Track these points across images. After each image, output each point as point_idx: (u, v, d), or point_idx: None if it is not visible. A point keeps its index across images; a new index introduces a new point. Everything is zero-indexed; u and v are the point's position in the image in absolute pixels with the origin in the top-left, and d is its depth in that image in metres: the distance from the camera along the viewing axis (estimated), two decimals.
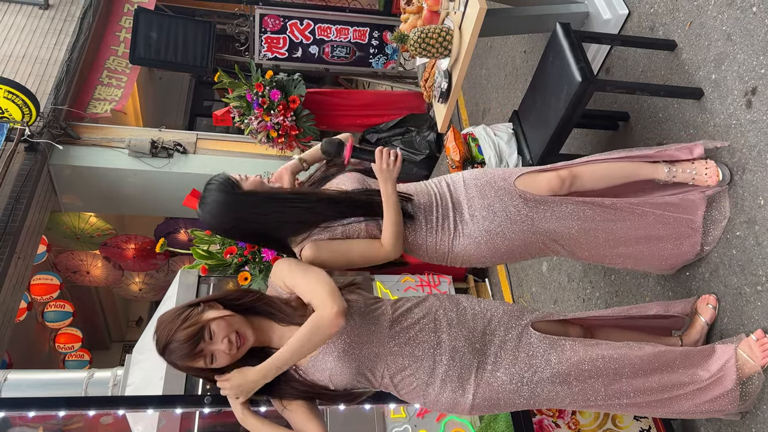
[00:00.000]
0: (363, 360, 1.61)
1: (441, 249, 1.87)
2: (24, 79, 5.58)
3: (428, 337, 1.66)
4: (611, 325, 2.03)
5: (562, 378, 1.69)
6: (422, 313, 1.70)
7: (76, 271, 7.82)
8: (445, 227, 1.85)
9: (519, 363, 1.68)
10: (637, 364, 1.75)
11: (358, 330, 1.61)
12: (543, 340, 1.72)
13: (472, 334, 1.68)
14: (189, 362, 1.52)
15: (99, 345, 9.95)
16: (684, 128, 2.38)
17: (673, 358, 1.79)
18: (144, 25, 5.70)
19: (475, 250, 1.87)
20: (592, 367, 1.71)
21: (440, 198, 1.88)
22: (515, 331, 1.72)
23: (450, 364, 1.64)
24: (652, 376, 1.75)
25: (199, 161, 5.82)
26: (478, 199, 1.87)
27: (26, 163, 5.12)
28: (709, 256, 2.19)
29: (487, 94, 4.62)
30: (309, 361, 1.60)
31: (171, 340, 1.50)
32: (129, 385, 3.39)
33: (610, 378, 1.72)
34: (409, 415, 3.25)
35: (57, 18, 6.40)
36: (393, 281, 4.05)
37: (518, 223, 1.87)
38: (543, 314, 1.83)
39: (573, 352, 1.72)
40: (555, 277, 3.40)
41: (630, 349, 1.78)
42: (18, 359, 6.69)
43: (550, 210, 1.90)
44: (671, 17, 2.53)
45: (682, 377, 1.77)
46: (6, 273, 4.64)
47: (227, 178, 1.69)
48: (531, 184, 1.91)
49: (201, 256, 3.69)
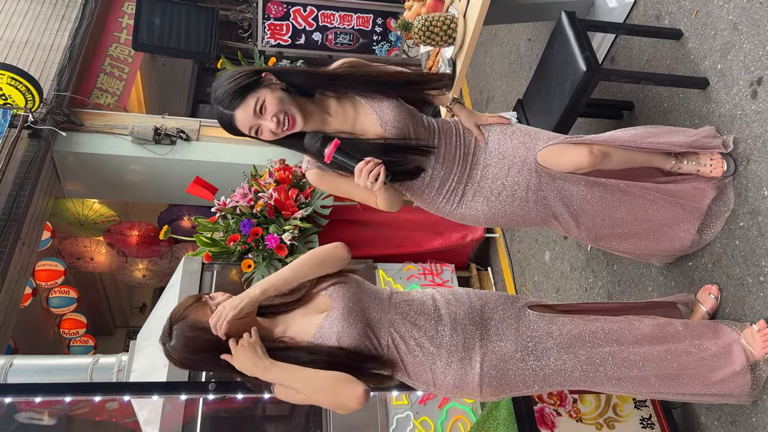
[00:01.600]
0: (367, 321, 1.62)
1: (442, 211, 1.94)
2: (27, 65, 5.56)
3: (428, 310, 1.69)
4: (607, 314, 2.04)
5: (567, 345, 1.71)
6: (419, 295, 1.75)
7: (80, 258, 7.85)
8: (451, 198, 1.89)
9: (521, 335, 1.70)
10: (639, 334, 1.77)
11: (359, 296, 1.64)
12: (541, 318, 1.75)
13: (471, 311, 1.71)
14: (197, 313, 1.54)
15: (103, 331, 10.01)
16: (689, 118, 2.38)
17: (675, 328, 1.81)
18: (147, 11, 5.68)
19: (473, 220, 1.94)
20: (593, 338, 1.74)
21: (460, 163, 1.86)
22: (513, 310, 1.75)
23: (453, 335, 1.65)
24: (659, 345, 1.76)
25: (202, 148, 5.81)
26: (493, 167, 1.86)
27: (30, 149, 5.12)
28: (712, 246, 2.19)
29: (491, 82, 4.60)
30: (316, 332, 1.59)
31: (178, 311, 1.56)
32: (134, 371, 3.42)
33: (613, 345, 1.74)
34: (411, 402, 3.27)
35: (59, 4, 6.37)
36: (395, 270, 4.06)
37: (524, 199, 1.88)
38: (538, 300, 1.87)
39: (573, 325, 1.75)
40: (557, 266, 3.40)
41: (629, 323, 1.80)
42: (23, 344, 6.74)
43: (562, 187, 1.88)
44: (677, 6, 2.51)
45: (689, 347, 1.78)
46: (11, 259, 4.66)
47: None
48: (554, 158, 1.84)
49: (204, 243, 3.71)
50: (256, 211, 3.65)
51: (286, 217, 3.67)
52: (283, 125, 1.65)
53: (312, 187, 3.85)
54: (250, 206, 3.69)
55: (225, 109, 1.63)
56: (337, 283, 1.64)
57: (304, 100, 1.72)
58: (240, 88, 1.61)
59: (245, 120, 1.63)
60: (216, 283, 3.77)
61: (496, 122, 1.89)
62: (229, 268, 3.82)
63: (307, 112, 1.70)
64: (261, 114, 1.62)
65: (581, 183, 1.89)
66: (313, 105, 1.74)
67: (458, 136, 1.87)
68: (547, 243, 3.52)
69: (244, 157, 5.53)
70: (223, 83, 1.64)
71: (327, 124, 1.76)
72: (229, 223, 3.72)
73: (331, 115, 1.77)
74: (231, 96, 1.61)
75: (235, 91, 1.61)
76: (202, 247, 3.73)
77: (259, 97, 1.62)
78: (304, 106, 1.70)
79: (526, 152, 1.86)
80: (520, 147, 1.86)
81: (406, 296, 1.73)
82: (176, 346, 1.53)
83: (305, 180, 3.92)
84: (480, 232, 4.20)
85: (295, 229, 3.58)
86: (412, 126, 1.79)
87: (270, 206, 3.66)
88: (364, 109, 1.77)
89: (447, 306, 1.71)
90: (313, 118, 1.73)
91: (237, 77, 1.63)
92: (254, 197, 3.73)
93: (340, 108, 1.77)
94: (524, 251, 3.82)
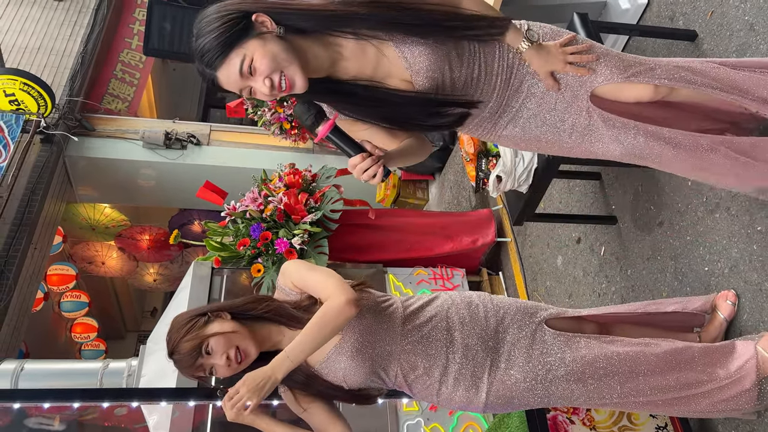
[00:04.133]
0: (376, 358, 1.59)
1: (472, 133, 1.67)
2: (39, 70, 5.61)
3: (441, 335, 1.63)
4: (628, 321, 2.00)
5: (577, 376, 1.66)
6: (434, 311, 1.67)
7: (92, 262, 7.90)
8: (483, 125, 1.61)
9: (533, 361, 1.65)
10: (654, 361, 1.72)
11: (370, 328, 1.59)
12: (557, 338, 1.69)
13: (484, 332, 1.65)
14: (190, 372, 1.54)
15: (114, 335, 10.06)
16: None
17: (691, 355, 1.75)
18: (158, 16, 5.70)
19: (511, 143, 1.68)
20: (608, 365, 1.68)
21: (500, 91, 1.55)
22: (529, 328, 1.69)
23: (463, 363, 1.62)
24: (669, 373, 1.72)
25: (212, 153, 5.84)
26: (536, 99, 1.57)
27: (42, 154, 5.17)
28: (729, 251, 2.15)
29: None
30: (322, 362, 1.58)
31: (175, 350, 1.53)
32: (143, 376, 3.42)
33: (625, 376, 1.69)
34: (421, 408, 3.25)
35: (72, 9, 6.43)
36: (405, 274, 4.03)
37: (566, 139, 1.62)
38: (557, 311, 1.79)
39: (588, 349, 1.69)
40: (570, 271, 3.36)
41: (646, 347, 1.74)
42: (35, 348, 6.78)
43: (616, 137, 1.58)
44: (692, 6, 2.47)
45: (701, 375, 1.73)
46: (23, 263, 4.69)
47: None
48: (614, 93, 1.57)
49: (214, 247, 3.70)
50: (266, 215, 3.64)
51: (296, 222, 3.65)
52: (279, 88, 1.36)
53: (322, 191, 3.83)
54: (259, 210, 3.69)
55: (205, 68, 1.36)
56: None
57: (310, 43, 1.39)
58: (221, 42, 1.31)
59: (230, 82, 1.36)
60: (226, 287, 3.76)
61: (581, 74, 1.52)
62: (238, 272, 3.81)
63: (311, 66, 1.39)
64: (250, 75, 1.34)
65: (639, 134, 1.57)
66: (322, 49, 1.41)
67: (501, 58, 1.52)
68: (560, 247, 3.48)
69: (255, 162, 5.55)
70: (203, 29, 1.34)
71: (339, 68, 1.44)
72: (239, 227, 3.71)
73: (345, 58, 1.43)
74: (211, 52, 1.33)
75: (215, 46, 1.32)
76: (211, 252, 3.73)
77: (246, 54, 1.32)
78: (309, 54, 1.39)
79: (579, 87, 1.55)
80: (573, 79, 1.54)
81: (419, 317, 1.64)
82: (179, 366, 1.56)
83: (315, 184, 3.91)
84: (491, 237, 4.16)
85: (304, 233, 3.56)
86: (449, 71, 1.46)
87: (280, 210, 3.65)
88: (390, 51, 1.44)
89: (461, 328, 1.64)
90: (321, 67, 1.42)
91: (219, 24, 1.32)
92: (264, 201, 3.72)
93: (359, 48, 1.43)
94: (536, 255, 3.78)
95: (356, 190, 4.55)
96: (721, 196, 2.22)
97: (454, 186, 5.13)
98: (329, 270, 1.60)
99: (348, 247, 4.04)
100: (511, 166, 2.61)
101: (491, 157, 2.69)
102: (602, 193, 3.06)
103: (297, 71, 1.35)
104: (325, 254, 3.59)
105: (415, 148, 1.59)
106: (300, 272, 1.61)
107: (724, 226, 2.20)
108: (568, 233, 3.40)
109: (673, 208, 2.50)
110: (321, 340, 1.49)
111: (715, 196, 2.25)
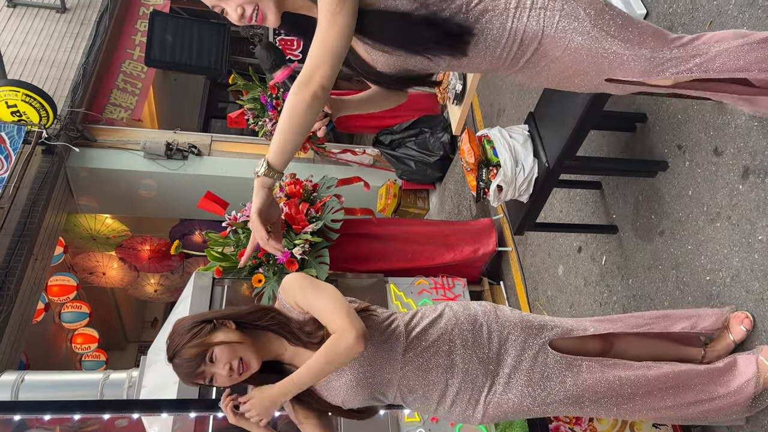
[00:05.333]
0: (376, 386, 1.60)
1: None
2: (41, 82, 5.64)
3: (442, 360, 1.62)
4: (633, 333, 1.98)
5: (576, 399, 1.67)
6: (437, 333, 1.64)
7: (93, 272, 7.89)
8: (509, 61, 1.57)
9: (533, 384, 1.65)
10: (654, 384, 1.72)
11: (371, 359, 1.58)
12: (559, 361, 1.68)
13: (486, 356, 1.65)
14: (190, 379, 1.54)
15: (115, 345, 10.04)
16: (704, 130, 2.34)
17: (692, 377, 1.75)
18: (159, 27, 5.75)
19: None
20: (607, 389, 1.69)
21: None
22: (531, 350, 1.67)
23: (462, 386, 1.62)
24: (666, 394, 1.72)
25: (213, 163, 5.85)
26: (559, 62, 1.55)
27: (43, 165, 5.18)
28: (730, 260, 2.14)
29: (501, 95, 4.59)
30: (323, 384, 1.59)
31: (176, 354, 1.52)
32: (144, 387, 3.41)
33: (624, 398, 1.70)
34: (423, 419, 3.23)
35: (74, 21, 6.47)
36: (407, 284, 4.02)
37: None
38: (563, 331, 1.75)
39: (589, 373, 1.69)
40: (571, 280, 3.36)
41: (648, 370, 1.73)
42: (35, 359, 6.77)
43: None
44: (690, 17, 2.48)
45: (699, 395, 1.74)
46: (24, 274, 4.68)
47: None
48: None
49: (215, 258, 3.70)
50: None
51: (297, 232, 3.65)
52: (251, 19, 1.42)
53: (323, 201, 3.84)
54: None
55: None
56: None
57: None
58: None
59: None
60: (227, 297, 3.76)
61: None
62: (239, 282, 3.81)
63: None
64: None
65: None
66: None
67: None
68: (561, 257, 3.48)
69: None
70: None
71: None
72: (240, 237, 3.71)
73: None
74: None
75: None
76: (212, 262, 3.73)
77: None
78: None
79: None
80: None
81: (422, 342, 1.62)
82: (179, 371, 1.55)
83: (316, 194, 3.91)
84: (492, 246, 4.16)
85: (305, 243, 3.56)
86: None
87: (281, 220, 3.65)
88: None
89: (463, 352, 1.63)
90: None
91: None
92: None
93: None
94: (537, 265, 3.77)
95: (358, 200, 4.55)
96: (722, 205, 2.22)
97: (454, 195, 5.14)
98: (335, 292, 1.55)
99: (349, 256, 4.04)
100: (512, 176, 2.61)
101: (492, 167, 2.69)
102: (603, 202, 3.07)
103: (270, 5, 1.40)
104: (326, 264, 3.59)
105: (378, 98, 1.67)
106: (305, 293, 1.56)
107: (724, 235, 2.20)
108: (569, 242, 3.40)
109: (673, 217, 2.50)
110: (328, 372, 1.51)
111: (716, 205, 2.25)
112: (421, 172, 5.37)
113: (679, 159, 2.48)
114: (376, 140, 5.49)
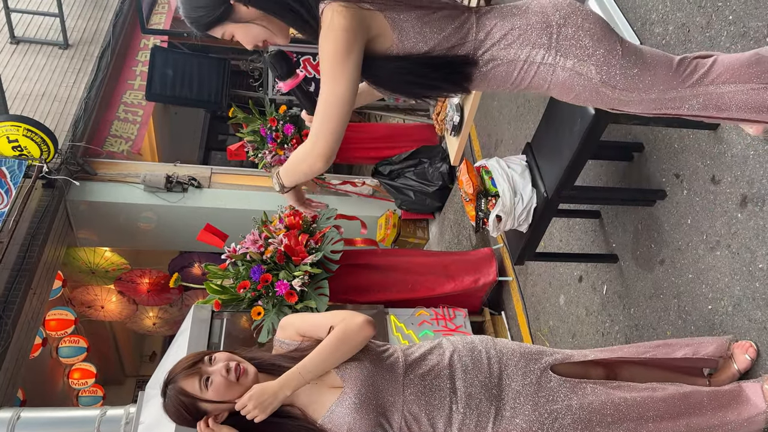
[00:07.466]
0: (380, 409, 1.56)
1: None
2: (43, 116, 5.69)
3: (443, 384, 1.60)
4: (635, 362, 1.97)
5: (585, 424, 1.63)
6: (436, 359, 1.64)
7: (91, 306, 7.85)
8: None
9: (539, 409, 1.62)
10: (662, 407, 1.68)
11: (372, 378, 1.56)
12: (563, 384, 1.66)
13: (488, 380, 1.62)
14: (185, 381, 1.51)
15: (113, 380, 9.92)
16: (701, 158, 2.36)
17: (700, 399, 1.72)
18: (160, 62, 5.82)
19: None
20: (615, 411, 1.65)
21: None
22: (534, 375, 1.65)
23: (466, 412, 1.59)
24: (680, 419, 1.69)
25: (213, 195, 5.87)
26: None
27: (44, 199, 5.19)
28: (732, 289, 2.13)
29: (499, 126, 4.63)
30: (325, 416, 1.55)
31: (174, 369, 1.54)
32: (141, 423, 3.35)
33: (634, 422, 1.66)
34: None
35: (76, 57, 6.56)
36: (407, 315, 3.99)
37: None
38: (563, 356, 1.75)
39: (595, 395, 1.66)
40: (573, 310, 3.34)
41: (653, 391, 1.71)
42: (32, 395, 6.67)
43: None
44: (683, 48, 2.52)
45: (712, 420, 1.70)
46: (21, 309, 4.65)
47: None
48: None
49: (214, 290, 3.68)
50: (266, 257, 3.63)
51: (297, 263, 3.64)
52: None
53: (322, 232, 3.83)
54: (260, 252, 3.68)
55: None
56: (350, 360, 1.56)
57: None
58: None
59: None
60: (226, 330, 3.73)
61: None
62: (238, 315, 3.79)
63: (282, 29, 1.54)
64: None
65: None
66: None
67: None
68: (562, 286, 3.47)
69: (255, 203, 5.57)
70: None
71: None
72: (240, 269, 3.70)
73: None
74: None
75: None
76: (212, 295, 3.71)
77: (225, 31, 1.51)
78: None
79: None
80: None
81: (421, 366, 1.62)
82: (168, 406, 1.55)
83: (315, 225, 3.92)
84: (493, 276, 4.14)
85: (305, 275, 3.55)
86: None
87: (280, 252, 3.65)
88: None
89: (464, 375, 1.61)
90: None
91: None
92: (264, 243, 3.72)
93: None
94: (538, 294, 3.76)
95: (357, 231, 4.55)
96: (721, 233, 2.23)
97: (454, 225, 5.14)
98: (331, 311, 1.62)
99: (349, 288, 4.02)
100: (511, 206, 2.61)
101: (490, 197, 2.70)
102: (602, 231, 3.07)
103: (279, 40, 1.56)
104: (326, 296, 3.57)
105: (364, 94, 1.74)
106: (304, 319, 1.63)
107: (725, 264, 2.20)
108: (569, 272, 3.39)
109: (673, 246, 2.50)
110: (338, 357, 1.50)
111: (715, 234, 2.26)
112: (421, 202, 5.38)
113: (677, 188, 2.49)
114: (375, 171, 5.52)
